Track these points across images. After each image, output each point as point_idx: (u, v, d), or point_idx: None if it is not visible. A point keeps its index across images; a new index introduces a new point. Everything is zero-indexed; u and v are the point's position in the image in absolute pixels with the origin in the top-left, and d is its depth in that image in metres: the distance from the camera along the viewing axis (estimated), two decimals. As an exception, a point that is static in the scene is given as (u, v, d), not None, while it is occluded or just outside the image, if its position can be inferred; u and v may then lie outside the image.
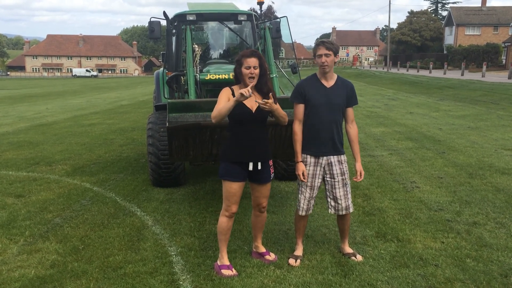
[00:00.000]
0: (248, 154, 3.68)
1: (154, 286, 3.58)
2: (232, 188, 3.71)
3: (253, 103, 3.65)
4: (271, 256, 4.02)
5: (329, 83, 3.86)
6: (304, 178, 3.87)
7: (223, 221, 3.80)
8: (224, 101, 3.60)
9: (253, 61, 3.58)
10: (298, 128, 3.87)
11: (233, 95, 3.62)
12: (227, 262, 3.81)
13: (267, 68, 3.75)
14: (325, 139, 3.85)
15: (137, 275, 3.75)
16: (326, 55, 3.75)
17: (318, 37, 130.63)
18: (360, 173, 3.96)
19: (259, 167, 3.72)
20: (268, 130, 3.86)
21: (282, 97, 5.06)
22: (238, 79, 3.70)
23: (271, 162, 3.85)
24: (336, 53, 3.79)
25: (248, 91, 3.39)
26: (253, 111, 3.65)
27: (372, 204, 5.52)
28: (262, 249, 4.06)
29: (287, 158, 6.21)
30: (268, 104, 3.50)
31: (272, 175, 3.88)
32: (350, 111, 3.95)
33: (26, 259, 4.12)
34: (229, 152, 3.71)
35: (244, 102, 3.56)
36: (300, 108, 3.87)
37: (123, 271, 3.82)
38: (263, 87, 3.68)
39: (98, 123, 14.21)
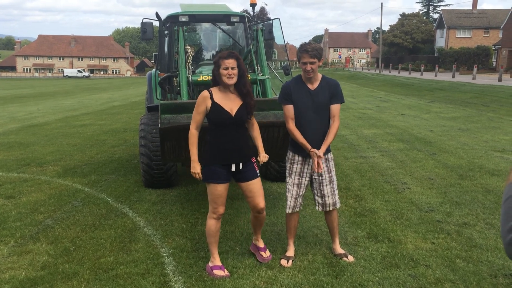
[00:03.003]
0: (228, 156, 3.69)
1: (145, 287, 3.58)
2: (217, 190, 3.71)
3: (232, 106, 3.67)
4: (266, 254, 4.03)
5: (314, 85, 3.90)
6: (319, 159, 3.77)
7: (212, 224, 3.80)
8: (201, 111, 3.66)
9: (230, 62, 3.58)
10: (292, 125, 3.89)
11: (211, 98, 3.65)
12: (219, 263, 3.82)
13: (245, 69, 3.74)
14: (313, 139, 3.87)
15: (128, 277, 3.74)
16: (311, 62, 3.78)
17: (311, 39, 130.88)
18: (319, 157, 3.81)
19: (241, 167, 3.73)
20: (247, 130, 3.85)
21: (274, 99, 5.09)
22: (217, 81, 3.70)
23: (254, 159, 3.85)
24: (320, 58, 3.82)
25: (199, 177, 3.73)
26: (233, 115, 3.65)
27: (363, 205, 5.55)
28: (261, 244, 4.09)
29: (280, 159, 6.22)
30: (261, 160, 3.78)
31: (258, 172, 3.86)
32: (333, 108, 3.92)
33: (16, 260, 4.09)
34: (210, 155, 3.72)
35: (223, 106, 3.63)
36: (290, 108, 3.89)
37: (114, 273, 3.81)
38: (243, 88, 3.69)
39: (89, 124, 14.14)
